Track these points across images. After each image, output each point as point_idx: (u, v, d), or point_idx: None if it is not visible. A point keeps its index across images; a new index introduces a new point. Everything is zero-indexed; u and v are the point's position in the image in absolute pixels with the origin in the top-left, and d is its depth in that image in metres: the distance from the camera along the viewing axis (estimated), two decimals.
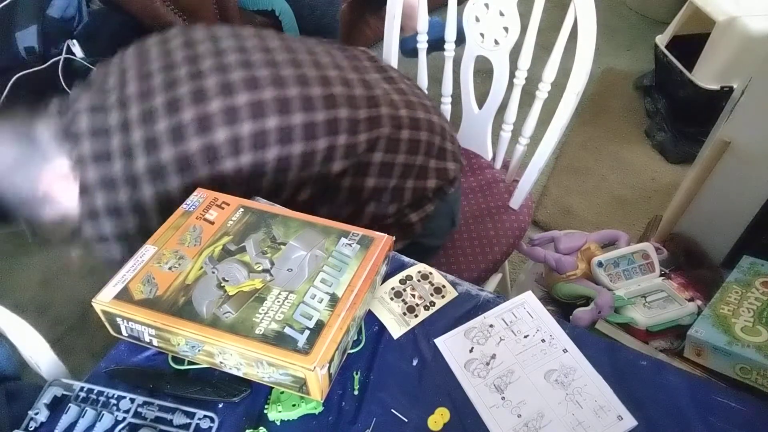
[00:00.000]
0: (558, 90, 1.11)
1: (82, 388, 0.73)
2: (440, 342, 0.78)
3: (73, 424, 0.70)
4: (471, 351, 0.77)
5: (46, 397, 0.71)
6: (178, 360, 0.77)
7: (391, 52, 1.32)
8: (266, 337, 0.69)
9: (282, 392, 0.72)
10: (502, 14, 1.17)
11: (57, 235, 0.97)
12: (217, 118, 0.87)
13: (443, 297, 0.83)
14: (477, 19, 1.21)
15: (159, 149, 0.87)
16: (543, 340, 0.78)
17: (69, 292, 1.78)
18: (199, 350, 0.72)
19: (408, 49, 1.87)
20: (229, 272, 0.77)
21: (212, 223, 0.85)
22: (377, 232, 0.83)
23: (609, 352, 0.78)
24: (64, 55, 1.62)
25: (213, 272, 0.77)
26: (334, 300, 0.73)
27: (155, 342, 0.75)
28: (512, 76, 1.22)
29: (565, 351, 0.77)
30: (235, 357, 0.70)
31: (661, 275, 1.28)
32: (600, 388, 0.73)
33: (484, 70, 1.37)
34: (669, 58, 2.17)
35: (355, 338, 0.79)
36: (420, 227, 1.10)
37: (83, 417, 0.70)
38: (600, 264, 1.26)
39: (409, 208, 1.08)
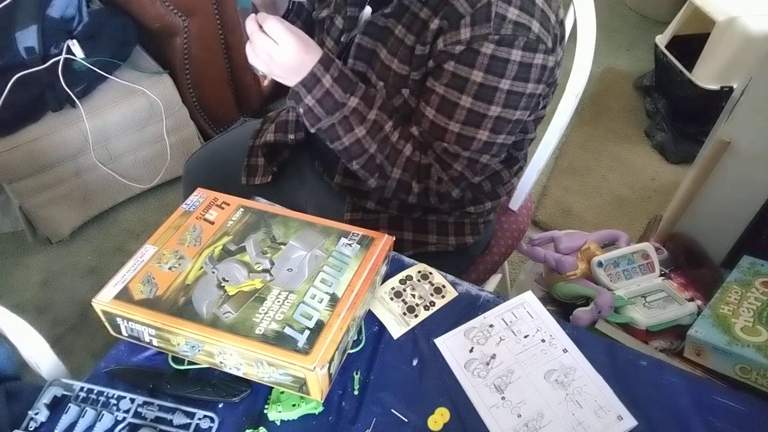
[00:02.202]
0: (558, 90, 1.11)
1: (82, 388, 0.73)
2: (440, 342, 0.78)
3: (73, 424, 0.69)
4: (471, 351, 0.77)
5: (46, 397, 0.71)
6: (178, 360, 0.77)
7: None
8: (266, 337, 0.69)
9: (282, 392, 0.72)
10: None
11: None
12: None
13: (443, 297, 0.83)
14: None
15: None
16: (543, 340, 0.78)
17: (69, 292, 1.78)
18: (199, 350, 0.72)
19: None
20: (229, 272, 0.77)
21: (212, 223, 0.85)
22: (377, 232, 0.83)
23: (609, 352, 0.78)
24: (64, 55, 1.62)
25: (213, 272, 0.77)
26: (334, 300, 0.73)
27: (155, 342, 0.75)
28: None
29: (565, 351, 0.77)
30: (235, 357, 0.70)
31: (661, 275, 1.28)
32: (600, 388, 0.73)
33: None
34: (669, 58, 2.17)
35: (355, 338, 0.79)
36: (483, 228, 1.11)
37: (83, 417, 0.69)
38: (600, 264, 1.26)
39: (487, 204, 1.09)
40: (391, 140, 0.87)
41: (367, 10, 0.93)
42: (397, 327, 0.80)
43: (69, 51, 1.64)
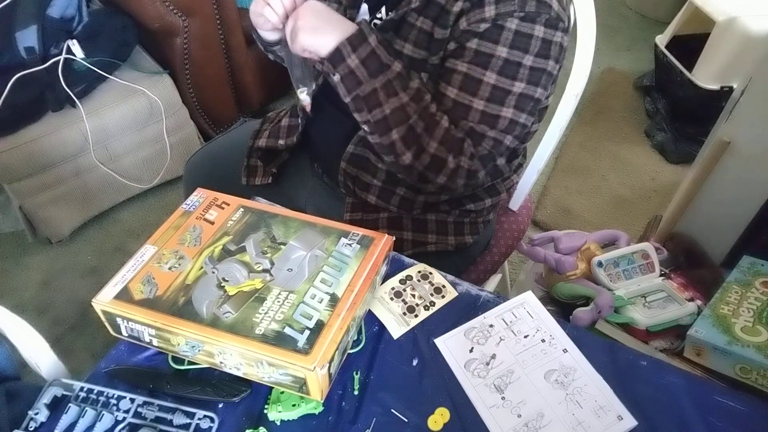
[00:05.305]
0: (557, 90, 1.11)
1: (82, 388, 0.73)
2: (440, 342, 0.78)
3: (73, 424, 0.69)
4: (471, 351, 0.77)
5: (46, 397, 0.71)
6: (178, 360, 0.77)
7: None
8: (266, 337, 0.69)
9: (282, 392, 0.72)
10: None
11: None
12: None
13: (443, 297, 0.83)
14: None
15: None
16: (543, 340, 0.78)
17: (69, 292, 1.78)
18: (199, 350, 0.72)
19: None
20: (229, 272, 0.77)
21: (212, 223, 0.85)
22: (377, 232, 0.83)
23: (609, 352, 0.78)
24: (64, 55, 1.62)
25: (213, 272, 0.77)
26: (334, 300, 0.73)
27: (155, 342, 0.75)
28: None
29: (565, 351, 0.77)
30: (235, 357, 0.70)
31: (661, 275, 1.28)
32: (600, 388, 0.73)
33: None
34: (669, 58, 2.17)
35: (355, 338, 0.79)
36: (483, 228, 1.11)
37: (83, 417, 0.69)
38: (600, 264, 1.26)
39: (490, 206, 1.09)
40: (430, 110, 0.84)
41: (364, 8, 0.93)
42: (397, 327, 0.80)
43: (69, 51, 1.64)
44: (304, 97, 0.93)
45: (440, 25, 0.83)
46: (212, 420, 0.70)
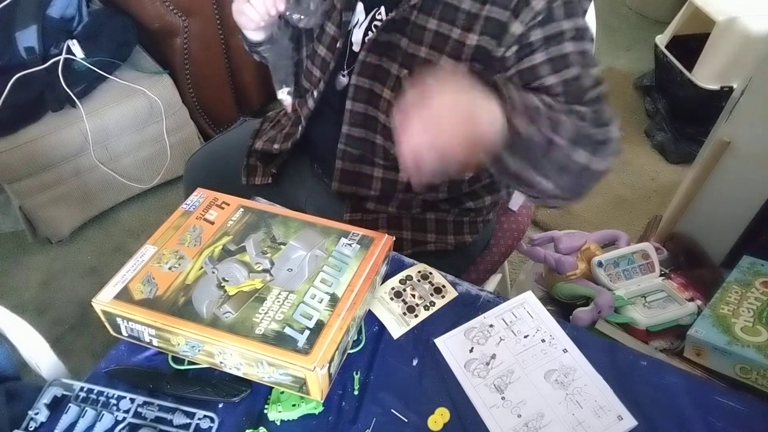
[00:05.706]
0: None
1: (82, 388, 0.73)
2: (440, 342, 0.78)
3: (73, 424, 0.69)
4: (471, 351, 0.77)
5: (46, 397, 0.71)
6: (178, 360, 0.77)
7: None
8: (266, 337, 0.69)
9: (282, 392, 0.72)
10: None
11: None
12: None
13: (443, 297, 0.83)
14: None
15: None
16: (543, 340, 0.78)
17: (69, 292, 1.78)
18: (199, 350, 0.72)
19: None
20: (229, 272, 0.77)
21: (212, 223, 0.85)
22: (377, 232, 0.83)
23: (609, 352, 0.78)
24: (64, 55, 1.62)
25: (213, 272, 0.77)
26: (334, 300, 0.73)
27: (155, 342, 0.75)
28: None
29: (565, 351, 0.77)
30: (235, 357, 0.70)
31: (661, 275, 1.28)
32: (600, 388, 0.73)
33: None
34: (669, 58, 2.17)
35: (355, 338, 0.79)
36: (482, 227, 1.11)
37: (83, 417, 0.69)
38: (600, 264, 1.26)
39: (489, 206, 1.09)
40: (582, 127, 0.78)
41: (359, 7, 0.92)
42: (397, 327, 0.80)
43: (69, 51, 1.64)
44: (285, 97, 0.93)
45: (473, 31, 0.82)
46: (212, 420, 0.70)
